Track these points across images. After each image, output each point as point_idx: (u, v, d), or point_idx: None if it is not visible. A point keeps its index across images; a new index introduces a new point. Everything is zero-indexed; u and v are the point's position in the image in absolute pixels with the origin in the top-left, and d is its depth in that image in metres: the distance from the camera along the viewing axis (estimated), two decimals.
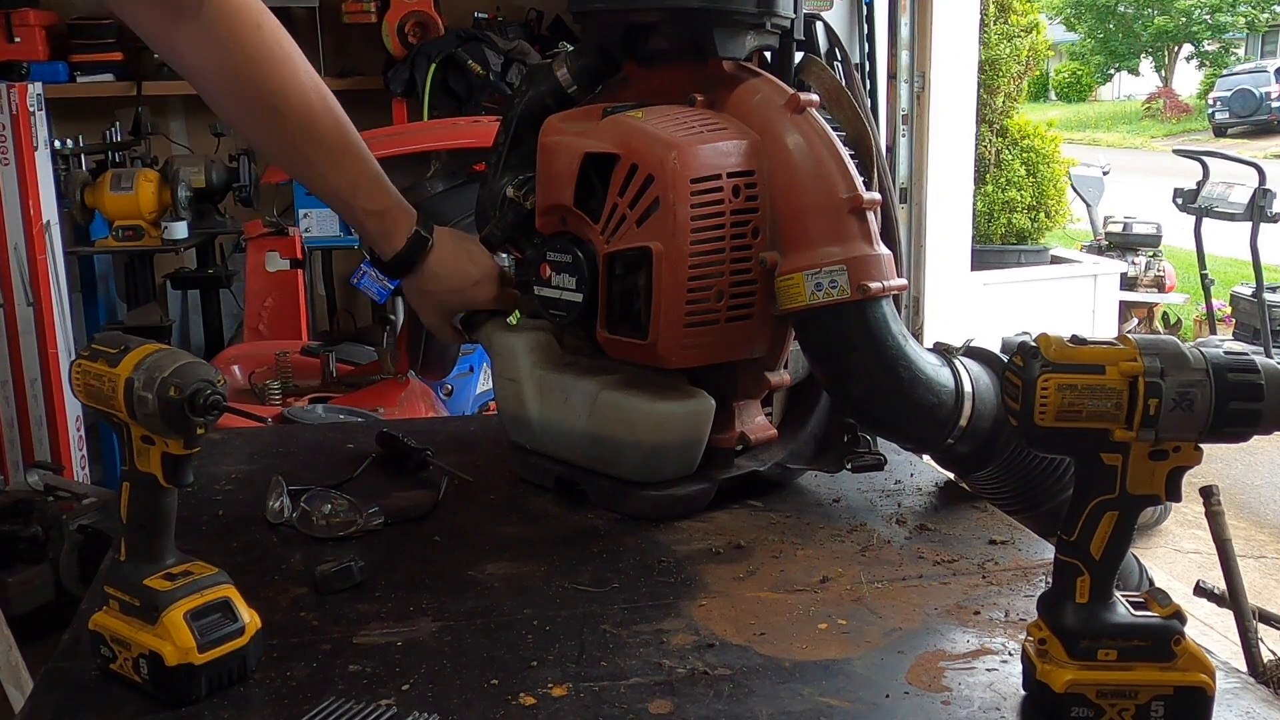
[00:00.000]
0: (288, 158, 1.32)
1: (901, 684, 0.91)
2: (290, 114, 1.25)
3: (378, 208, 1.31)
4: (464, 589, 1.09)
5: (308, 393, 2.85)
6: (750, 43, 1.28)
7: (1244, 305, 5.66)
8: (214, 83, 1.25)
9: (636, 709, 0.87)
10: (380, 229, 1.32)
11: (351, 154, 1.29)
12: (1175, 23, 25.55)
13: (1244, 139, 19.52)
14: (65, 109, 4.09)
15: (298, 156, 1.29)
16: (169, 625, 0.87)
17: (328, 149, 1.28)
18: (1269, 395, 0.80)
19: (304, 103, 1.25)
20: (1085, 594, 0.85)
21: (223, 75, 1.24)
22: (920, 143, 4.37)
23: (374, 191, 1.31)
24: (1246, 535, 4.18)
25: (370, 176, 1.31)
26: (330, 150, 1.28)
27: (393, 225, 1.32)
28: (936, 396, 1.23)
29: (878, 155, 1.31)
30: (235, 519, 1.27)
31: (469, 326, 1.41)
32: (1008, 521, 1.26)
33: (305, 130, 1.26)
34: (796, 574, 1.12)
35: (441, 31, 4.17)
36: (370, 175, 1.31)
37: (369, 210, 1.31)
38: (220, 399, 0.87)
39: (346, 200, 1.31)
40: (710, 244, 1.17)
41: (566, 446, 1.30)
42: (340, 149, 1.29)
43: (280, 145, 1.29)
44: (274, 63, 1.24)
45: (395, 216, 1.32)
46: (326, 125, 1.27)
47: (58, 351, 3.49)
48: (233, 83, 1.24)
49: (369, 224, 1.33)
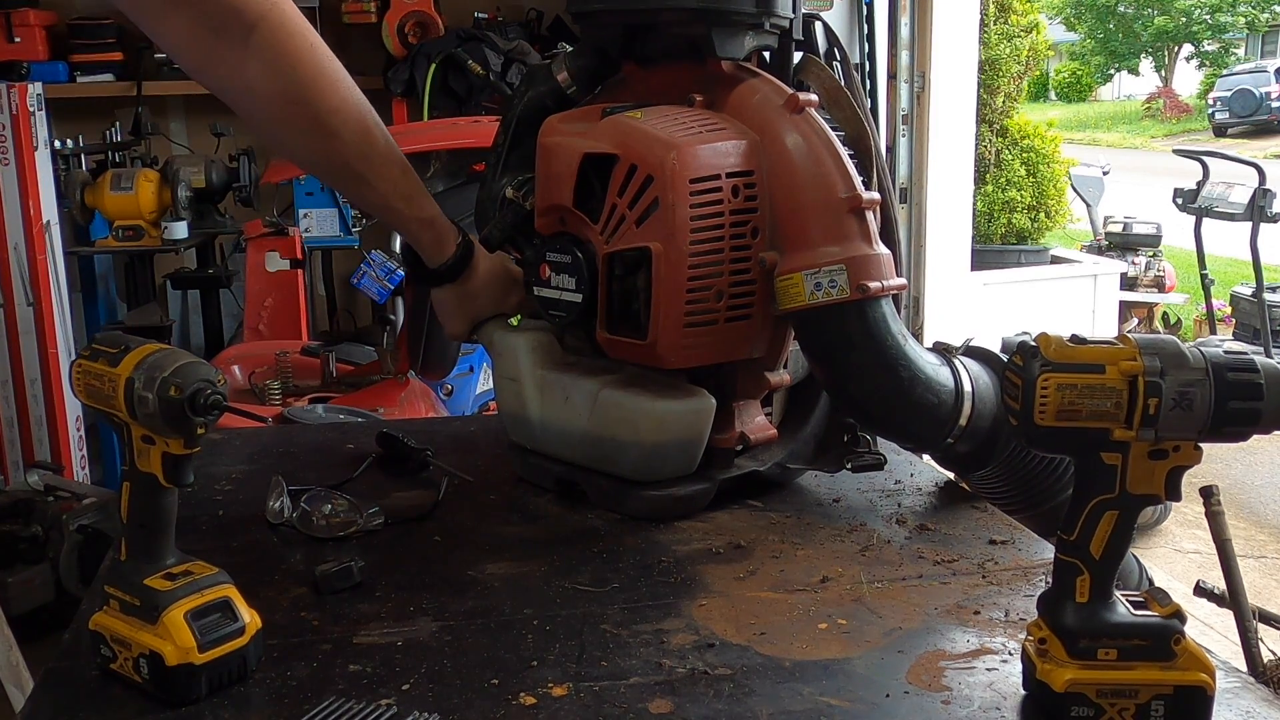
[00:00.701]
0: (341, 175, 1.30)
1: (901, 684, 0.91)
2: (346, 133, 1.24)
3: (429, 216, 1.32)
4: (464, 589, 1.09)
5: (308, 393, 2.85)
6: (749, 43, 1.28)
7: (1244, 305, 5.65)
8: (267, 106, 1.22)
9: (636, 709, 0.87)
10: (433, 237, 1.33)
11: (400, 166, 1.29)
12: (1175, 23, 25.55)
13: (1244, 139, 19.52)
14: (65, 109, 4.09)
15: (352, 173, 1.28)
16: (169, 625, 0.87)
17: (381, 163, 1.27)
18: (1269, 395, 0.80)
19: (359, 121, 1.24)
20: (1085, 593, 0.85)
21: (277, 99, 1.21)
22: (920, 143, 4.37)
23: (424, 201, 1.32)
24: (1246, 535, 4.18)
25: (419, 187, 1.31)
26: (384, 164, 1.28)
27: (443, 233, 1.33)
28: (936, 396, 1.23)
29: (877, 155, 1.31)
30: (235, 519, 1.27)
31: (476, 327, 1.41)
32: (1008, 521, 1.26)
33: (360, 148, 1.25)
34: (796, 574, 1.12)
35: (441, 31, 4.17)
36: (419, 186, 1.31)
37: (422, 220, 1.32)
38: (220, 399, 0.87)
39: (400, 211, 1.31)
40: (710, 244, 1.17)
41: (567, 446, 1.30)
42: (392, 162, 1.28)
43: (334, 163, 1.28)
44: (330, 83, 1.22)
45: (443, 225, 1.33)
46: (379, 140, 1.26)
47: (58, 351, 3.49)
48: (288, 105, 1.21)
49: (424, 234, 1.32)
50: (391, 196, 1.30)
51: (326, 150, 1.25)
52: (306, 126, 1.23)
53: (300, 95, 1.21)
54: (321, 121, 1.22)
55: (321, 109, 1.22)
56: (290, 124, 1.24)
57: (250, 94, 1.21)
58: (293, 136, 1.26)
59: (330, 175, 1.37)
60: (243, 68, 1.18)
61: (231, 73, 1.19)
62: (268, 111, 1.23)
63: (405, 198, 1.30)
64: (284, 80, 1.20)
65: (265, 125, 1.26)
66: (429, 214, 1.32)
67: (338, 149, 1.25)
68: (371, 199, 1.31)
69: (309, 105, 1.21)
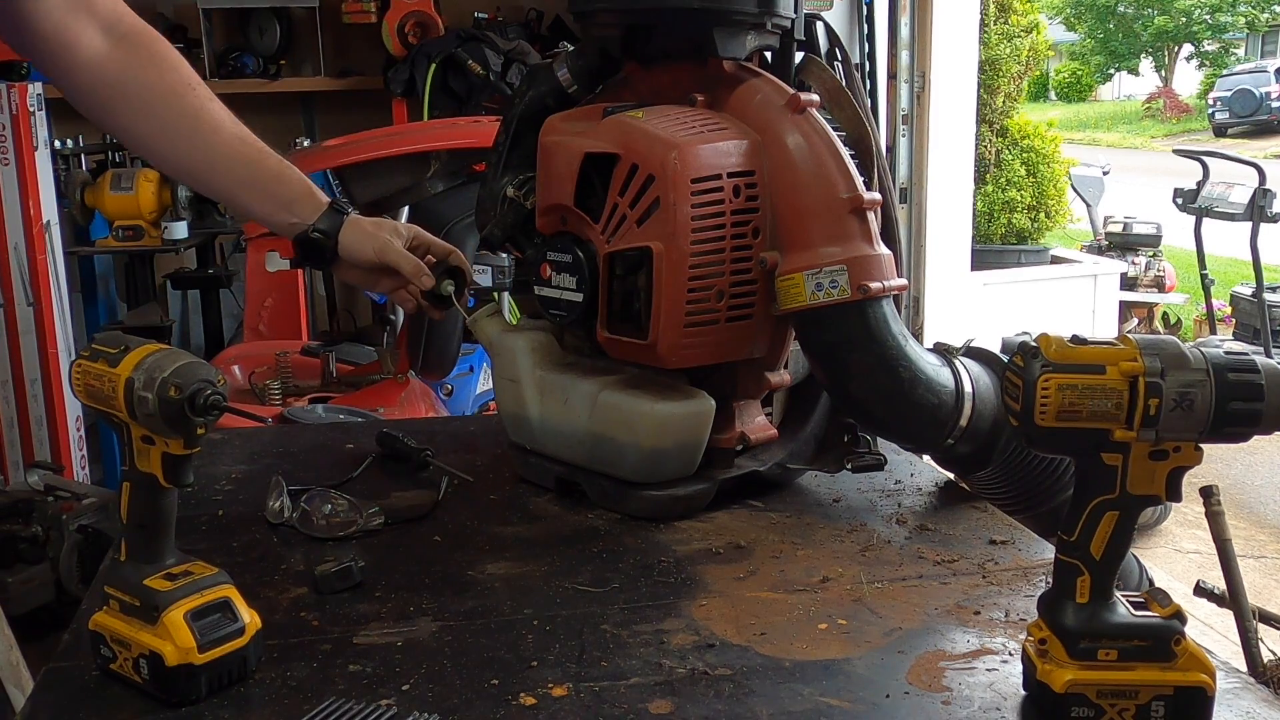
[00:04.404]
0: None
1: (901, 684, 0.91)
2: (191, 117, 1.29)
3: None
4: (464, 589, 1.09)
5: (308, 393, 2.85)
6: (751, 43, 1.28)
7: (1244, 305, 5.65)
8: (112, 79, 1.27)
9: (637, 709, 0.87)
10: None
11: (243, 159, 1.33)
12: (1175, 23, 25.54)
13: (1244, 139, 19.52)
14: (65, 109, 4.05)
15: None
16: (169, 625, 0.87)
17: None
18: (1269, 395, 0.80)
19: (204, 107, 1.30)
20: (1085, 594, 0.85)
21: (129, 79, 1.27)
22: (920, 143, 4.37)
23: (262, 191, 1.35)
24: (1246, 535, 4.18)
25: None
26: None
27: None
28: (937, 397, 1.23)
29: (878, 155, 1.31)
30: (235, 519, 1.27)
31: (441, 300, 1.38)
32: (1008, 521, 1.26)
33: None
34: (796, 574, 1.12)
35: (441, 31, 4.17)
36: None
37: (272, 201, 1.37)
38: (220, 399, 0.87)
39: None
40: (710, 244, 1.17)
41: (567, 447, 1.30)
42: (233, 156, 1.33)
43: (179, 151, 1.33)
44: (186, 82, 1.30)
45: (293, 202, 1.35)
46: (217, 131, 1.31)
47: (58, 351, 3.49)
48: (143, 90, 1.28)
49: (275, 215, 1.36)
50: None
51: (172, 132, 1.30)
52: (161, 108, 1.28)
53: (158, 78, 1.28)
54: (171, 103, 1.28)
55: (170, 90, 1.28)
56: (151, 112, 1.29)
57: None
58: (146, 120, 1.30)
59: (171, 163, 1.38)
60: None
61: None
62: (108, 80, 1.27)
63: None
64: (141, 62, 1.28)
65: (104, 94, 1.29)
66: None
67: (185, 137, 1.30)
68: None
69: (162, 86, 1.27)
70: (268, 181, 1.32)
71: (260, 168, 1.32)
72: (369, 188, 2.82)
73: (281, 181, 1.33)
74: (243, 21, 4.51)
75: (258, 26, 4.48)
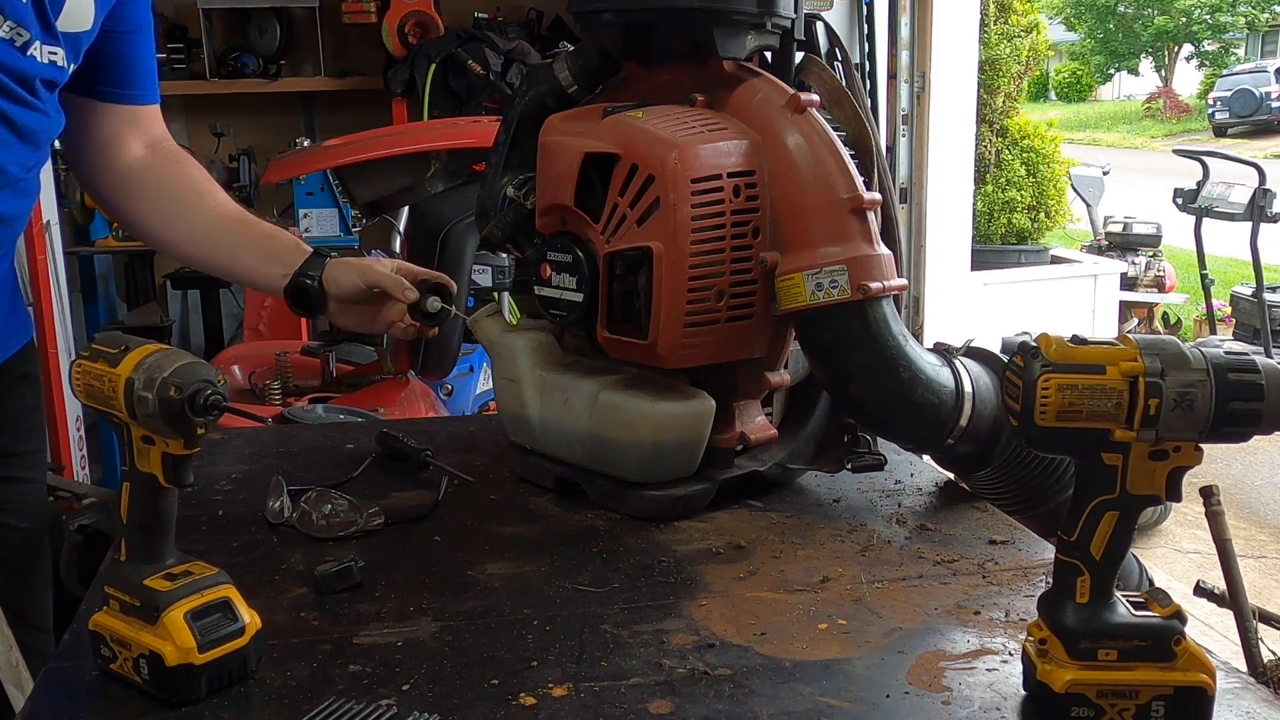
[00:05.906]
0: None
1: (901, 684, 0.91)
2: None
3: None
4: (464, 589, 1.09)
5: (308, 393, 2.85)
6: (750, 43, 1.28)
7: (1244, 305, 5.65)
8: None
9: (637, 709, 0.87)
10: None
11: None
12: (1175, 23, 25.55)
13: (1244, 139, 19.53)
14: None
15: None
16: (169, 625, 0.87)
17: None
18: (1269, 395, 0.80)
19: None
20: (1085, 594, 0.85)
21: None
22: (920, 143, 4.37)
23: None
24: (1246, 535, 4.18)
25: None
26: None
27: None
28: (937, 397, 1.23)
29: (878, 155, 1.31)
30: (235, 519, 1.27)
31: (431, 318, 1.39)
32: (1008, 521, 1.26)
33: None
34: (796, 574, 1.12)
35: (441, 31, 4.17)
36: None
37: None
38: (220, 399, 0.87)
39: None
40: (710, 244, 1.17)
41: (567, 446, 1.30)
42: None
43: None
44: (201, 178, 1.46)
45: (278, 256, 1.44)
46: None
47: (58, 351, 3.48)
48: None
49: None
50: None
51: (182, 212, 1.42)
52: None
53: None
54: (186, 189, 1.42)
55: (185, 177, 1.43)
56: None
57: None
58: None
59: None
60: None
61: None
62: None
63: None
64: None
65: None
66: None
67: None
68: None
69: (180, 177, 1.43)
70: (260, 239, 1.43)
71: (254, 228, 1.44)
72: (369, 188, 2.81)
73: (273, 238, 1.44)
74: (243, 21, 4.51)
75: (258, 26, 4.48)
